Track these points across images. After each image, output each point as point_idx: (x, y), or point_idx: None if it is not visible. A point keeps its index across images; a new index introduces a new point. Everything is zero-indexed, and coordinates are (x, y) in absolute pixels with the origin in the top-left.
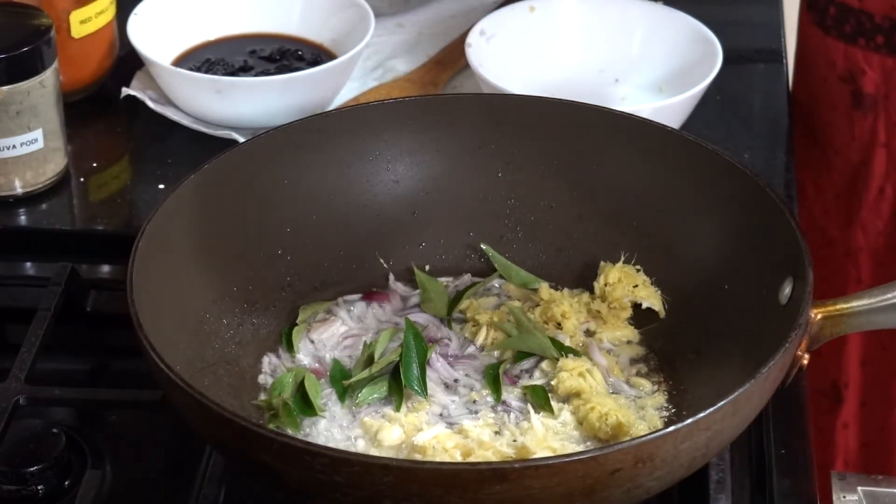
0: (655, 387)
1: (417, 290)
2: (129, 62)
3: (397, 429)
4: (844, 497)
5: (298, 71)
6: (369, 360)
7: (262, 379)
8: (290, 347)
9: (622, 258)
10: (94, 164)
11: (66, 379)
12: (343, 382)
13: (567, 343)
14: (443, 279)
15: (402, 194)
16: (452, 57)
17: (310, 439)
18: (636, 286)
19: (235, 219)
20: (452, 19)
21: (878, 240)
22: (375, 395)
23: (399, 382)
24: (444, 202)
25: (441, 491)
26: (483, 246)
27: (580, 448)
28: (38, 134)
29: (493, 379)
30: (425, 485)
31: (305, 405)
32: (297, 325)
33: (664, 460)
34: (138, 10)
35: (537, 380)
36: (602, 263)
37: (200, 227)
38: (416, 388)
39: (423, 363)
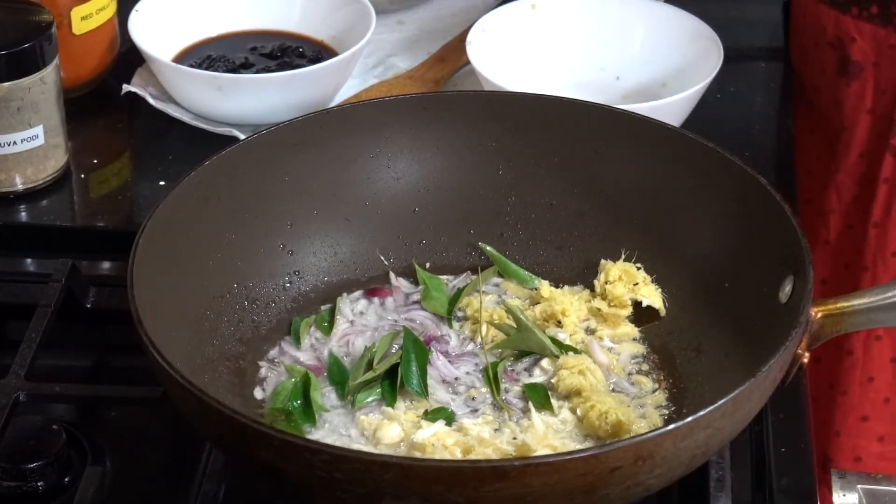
0: (656, 385)
1: (419, 287)
2: (129, 59)
3: (396, 426)
4: (844, 496)
5: (299, 68)
6: (370, 365)
7: (262, 374)
8: (297, 339)
9: (623, 256)
10: (95, 161)
11: (67, 375)
12: (349, 384)
13: (567, 341)
14: (443, 276)
15: (402, 191)
16: (453, 54)
17: (309, 436)
18: (637, 284)
19: (236, 216)
20: (453, 17)
21: (853, 206)
22: (373, 397)
23: (393, 384)
24: (445, 199)
25: (441, 488)
26: (482, 245)
27: (580, 446)
28: (38, 130)
29: (493, 377)
30: (425, 482)
31: (307, 412)
32: (306, 317)
33: (664, 458)
34: (139, 6)
35: (538, 377)
36: (602, 261)
37: (201, 224)
38: (416, 389)
39: (424, 365)
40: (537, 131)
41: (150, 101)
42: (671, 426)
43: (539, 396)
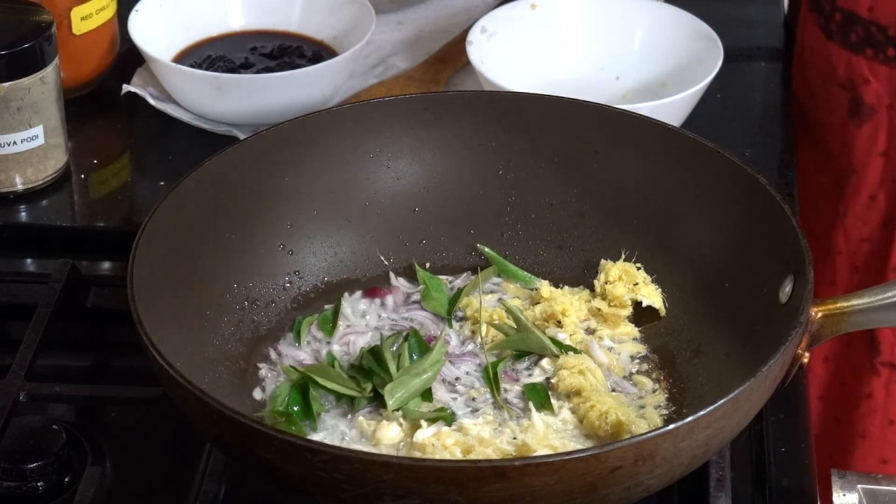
0: (655, 385)
1: (419, 287)
2: (129, 59)
3: (396, 427)
4: (844, 496)
5: (299, 68)
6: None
7: (262, 374)
8: (298, 339)
9: (623, 256)
10: (95, 161)
11: (67, 375)
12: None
13: (567, 341)
14: (443, 277)
15: (402, 191)
16: (453, 54)
17: (309, 436)
18: (637, 284)
19: (236, 216)
20: (453, 17)
21: (861, 246)
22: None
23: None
24: (445, 199)
25: (441, 488)
26: (481, 246)
27: (580, 446)
28: (38, 130)
29: (493, 377)
30: (425, 482)
31: (307, 413)
32: (309, 316)
33: (664, 458)
34: (139, 6)
35: (538, 377)
36: (602, 261)
37: (201, 224)
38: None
39: None
40: (537, 131)
41: (150, 101)
42: (671, 426)
43: (539, 396)
